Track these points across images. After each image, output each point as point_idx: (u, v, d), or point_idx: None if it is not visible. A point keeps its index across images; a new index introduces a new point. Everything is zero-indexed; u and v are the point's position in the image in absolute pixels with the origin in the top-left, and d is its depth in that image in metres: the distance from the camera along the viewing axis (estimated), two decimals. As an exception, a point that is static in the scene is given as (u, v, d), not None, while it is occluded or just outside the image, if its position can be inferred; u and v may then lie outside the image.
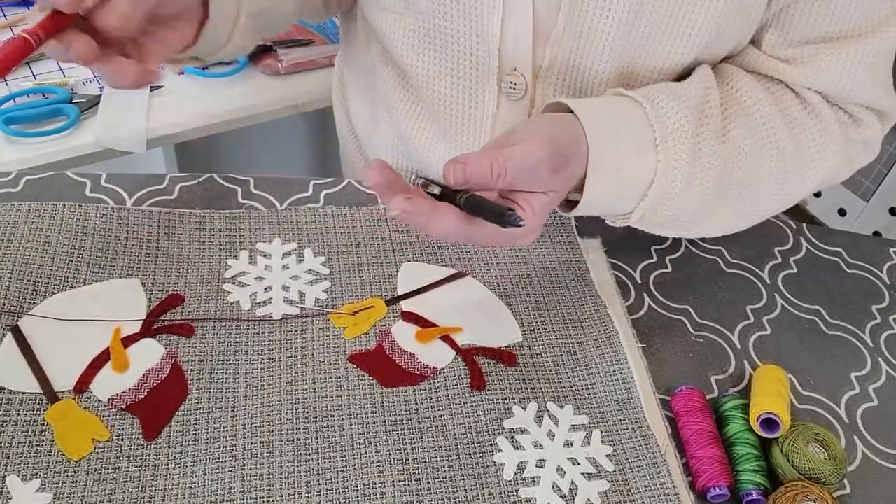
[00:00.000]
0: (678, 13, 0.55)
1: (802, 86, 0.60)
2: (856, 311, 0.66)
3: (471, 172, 0.46)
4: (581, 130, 0.51)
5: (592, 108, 0.53)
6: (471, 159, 0.46)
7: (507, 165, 0.46)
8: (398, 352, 0.55)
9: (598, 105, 0.54)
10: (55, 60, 0.97)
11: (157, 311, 0.56)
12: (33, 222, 0.58)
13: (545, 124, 0.51)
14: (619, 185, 0.53)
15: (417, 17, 0.61)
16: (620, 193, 0.54)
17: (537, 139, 0.48)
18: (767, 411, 0.52)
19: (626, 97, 0.55)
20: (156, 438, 0.49)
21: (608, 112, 0.53)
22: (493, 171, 0.46)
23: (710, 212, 0.58)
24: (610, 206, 0.55)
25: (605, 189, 0.52)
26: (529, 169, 0.47)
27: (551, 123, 0.51)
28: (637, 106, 0.54)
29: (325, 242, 0.62)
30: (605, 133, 0.51)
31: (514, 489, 0.49)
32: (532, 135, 0.49)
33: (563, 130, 0.50)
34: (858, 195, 1.70)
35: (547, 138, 0.48)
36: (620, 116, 0.53)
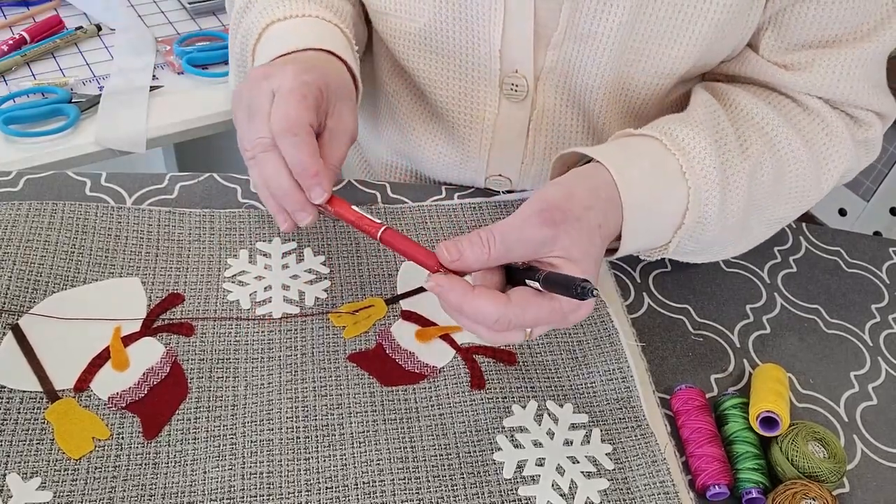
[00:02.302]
0: (678, 16, 0.56)
1: (802, 91, 0.60)
2: (855, 310, 0.66)
3: (463, 247, 0.46)
4: (605, 178, 0.50)
5: (611, 152, 0.52)
6: (461, 239, 0.46)
7: (493, 232, 0.46)
8: (398, 351, 0.55)
9: (616, 148, 0.53)
10: (55, 60, 0.97)
11: (157, 310, 0.56)
12: (33, 221, 0.58)
13: (540, 190, 0.50)
14: (654, 219, 0.53)
15: (420, 20, 0.61)
16: (657, 227, 0.54)
17: (524, 206, 0.48)
18: (767, 410, 0.52)
19: (637, 136, 0.55)
20: (156, 437, 0.49)
21: (628, 152, 0.53)
22: (483, 240, 0.46)
23: (742, 230, 0.58)
24: (648, 242, 0.55)
25: (643, 227, 0.52)
26: (517, 229, 0.46)
27: (547, 188, 0.50)
28: (651, 141, 0.54)
29: (324, 242, 0.62)
30: (633, 175, 0.51)
31: (513, 488, 0.49)
32: (523, 206, 0.48)
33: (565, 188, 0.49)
34: (859, 195, 1.70)
35: (534, 199, 0.48)
36: (641, 154, 0.53)
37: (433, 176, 0.73)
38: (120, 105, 0.90)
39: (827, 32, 0.58)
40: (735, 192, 0.54)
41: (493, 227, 0.46)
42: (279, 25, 0.58)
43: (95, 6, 1.06)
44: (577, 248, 0.47)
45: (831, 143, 0.60)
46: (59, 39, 0.98)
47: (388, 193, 0.68)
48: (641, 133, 0.55)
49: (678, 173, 0.52)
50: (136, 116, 0.89)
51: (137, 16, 1.07)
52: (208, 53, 0.99)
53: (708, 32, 0.56)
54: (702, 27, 0.56)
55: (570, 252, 0.46)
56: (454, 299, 0.45)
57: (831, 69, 0.58)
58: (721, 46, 0.59)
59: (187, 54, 0.98)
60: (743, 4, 0.55)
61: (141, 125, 0.88)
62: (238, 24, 0.63)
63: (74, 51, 0.99)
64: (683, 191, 0.53)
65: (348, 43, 0.59)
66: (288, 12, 0.58)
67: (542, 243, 0.46)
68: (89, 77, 0.95)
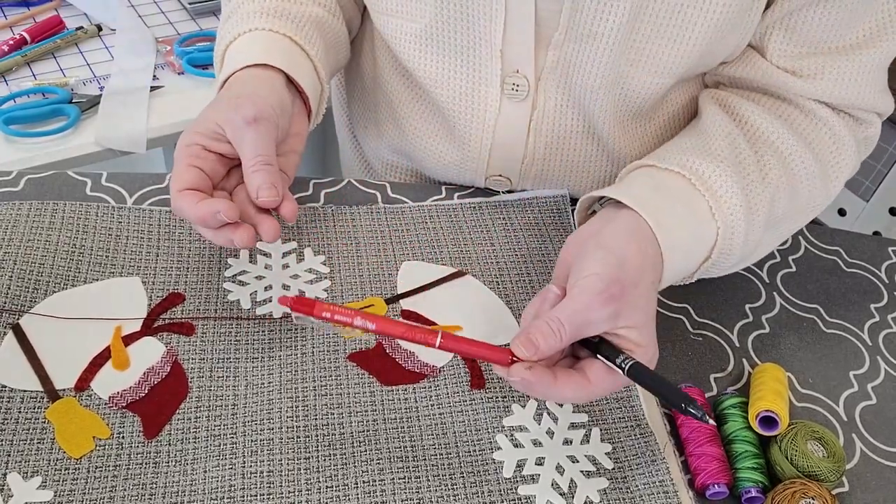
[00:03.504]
0: (678, 16, 0.56)
1: (810, 97, 0.60)
2: (855, 310, 0.66)
3: (537, 341, 0.47)
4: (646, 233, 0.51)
5: (644, 198, 0.53)
6: (532, 331, 0.47)
7: (562, 321, 0.47)
8: (398, 350, 0.56)
9: (647, 191, 0.54)
10: (55, 60, 0.97)
11: (158, 309, 0.56)
12: (34, 221, 0.58)
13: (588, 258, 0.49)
14: (686, 258, 0.54)
15: (421, 21, 0.62)
16: (689, 264, 0.55)
17: (581, 285, 0.48)
18: (766, 409, 0.52)
19: (661, 170, 0.55)
20: (156, 436, 0.49)
21: (659, 195, 0.53)
22: (554, 331, 0.47)
23: (757, 247, 0.59)
24: (678, 277, 0.56)
25: (677, 267, 0.53)
26: (583, 313, 0.47)
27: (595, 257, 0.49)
28: (678, 178, 0.55)
29: (324, 241, 0.63)
30: (670, 223, 0.52)
31: (513, 487, 0.49)
32: (578, 280, 0.48)
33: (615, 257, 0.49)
34: (858, 195, 1.70)
35: (591, 279, 0.48)
36: (672, 197, 0.54)
37: (433, 176, 0.73)
38: (120, 105, 0.90)
39: (835, 38, 0.58)
40: (757, 220, 0.56)
41: (560, 315, 0.47)
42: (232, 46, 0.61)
43: (96, 6, 1.06)
44: (640, 315, 0.48)
45: (838, 152, 0.61)
46: (59, 40, 0.98)
47: (388, 193, 0.68)
48: (666, 167, 0.55)
49: (708, 213, 0.54)
50: (137, 116, 0.89)
51: (138, 16, 1.07)
52: (209, 54, 0.99)
53: (708, 32, 0.56)
54: (702, 27, 0.56)
55: (634, 320, 0.48)
56: (541, 390, 0.47)
57: (841, 76, 0.59)
58: (721, 47, 0.59)
59: (188, 54, 0.98)
60: (743, 4, 0.55)
61: (141, 125, 0.88)
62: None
63: (75, 51, 0.99)
64: (713, 230, 0.54)
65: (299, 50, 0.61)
66: (236, 32, 0.61)
67: (608, 320, 0.47)
68: (90, 77, 0.95)
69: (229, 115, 0.54)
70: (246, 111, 0.53)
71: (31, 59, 0.96)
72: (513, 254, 0.64)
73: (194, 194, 0.52)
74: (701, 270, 0.56)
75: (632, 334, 0.48)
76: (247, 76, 0.58)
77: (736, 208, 0.54)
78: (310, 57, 0.61)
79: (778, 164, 0.58)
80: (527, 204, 0.69)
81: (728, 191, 0.54)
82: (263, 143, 0.53)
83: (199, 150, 0.54)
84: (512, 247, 0.64)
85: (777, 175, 0.57)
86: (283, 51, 0.59)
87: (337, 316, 0.47)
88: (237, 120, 0.53)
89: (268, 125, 0.54)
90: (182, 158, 0.53)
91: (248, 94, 0.55)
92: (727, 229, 0.54)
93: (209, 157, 0.54)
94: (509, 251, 0.64)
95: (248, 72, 0.58)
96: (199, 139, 0.54)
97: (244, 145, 0.53)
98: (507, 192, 0.70)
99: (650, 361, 0.48)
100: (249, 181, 0.53)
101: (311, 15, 0.64)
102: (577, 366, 0.49)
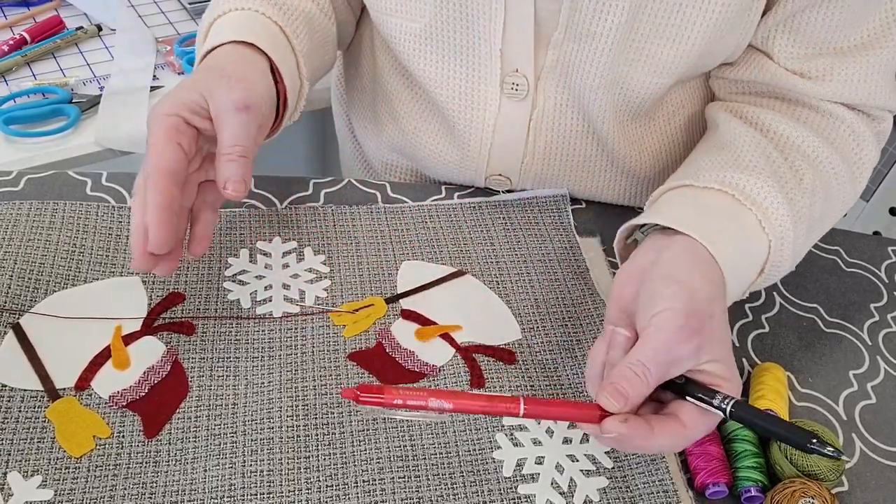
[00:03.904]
0: (677, 15, 0.56)
1: (822, 99, 0.60)
2: (854, 309, 0.66)
3: (626, 391, 0.44)
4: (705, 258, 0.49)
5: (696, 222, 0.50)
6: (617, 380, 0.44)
7: (646, 364, 0.44)
8: (398, 350, 0.56)
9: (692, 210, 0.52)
10: (55, 60, 0.97)
11: (158, 309, 0.56)
12: (34, 221, 0.58)
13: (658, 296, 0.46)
14: (742, 276, 0.52)
15: (421, 20, 0.62)
16: (745, 283, 0.53)
17: (660, 324, 0.45)
18: (766, 409, 0.52)
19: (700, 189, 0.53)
20: (156, 436, 0.49)
21: (709, 217, 0.51)
22: (641, 376, 0.44)
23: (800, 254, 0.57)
24: (735, 298, 0.54)
25: (737, 288, 0.52)
26: (666, 353, 0.45)
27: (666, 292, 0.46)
28: (722, 195, 0.52)
29: (324, 241, 0.63)
30: (725, 246, 0.49)
31: (513, 486, 0.49)
32: (653, 319, 0.46)
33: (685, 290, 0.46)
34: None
35: (667, 314, 0.45)
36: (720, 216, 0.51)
37: (433, 175, 0.73)
38: (120, 105, 0.90)
39: (840, 38, 0.58)
40: (801, 227, 0.54)
41: (641, 357, 0.45)
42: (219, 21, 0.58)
43: (96, 6, 1.06)
44: (721, 347, 0.47)
45: (860, 149, 0.61)
46: (59, 40, 0.98)
47: (388, 193, 0.68)
48: (705, 186, 0.53)
49: (757, 228, 0.52)
50: (137, 116, 0.89)
51: (138, 16, 1.07)
52: (208, 54, 0.99)
53: (707, 32, 0.56)
54: (701, 26, 0.56)
55: (717, 353, 0.46)
56: (639, 444, 0.45)
57: (850, 77, 0.58)
58: (721, 46, 0.59)
59: (188, 54, 0.98)
60: (742, 4, 0.56)
61: (141, 125, 0.88)
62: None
63: (75, 51, 0.99)
64: (764, 244, 0.52)
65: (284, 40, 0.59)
66: (227, 7, 0.58)
67: (692, 357, 0.45)
68: (90, 77, 0.95)
69: (219, 93, 0.50)
70: (237, 95, 0.50)
71: (31, 59, 0.96)
72: (513, 254, 0.64)
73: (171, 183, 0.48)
74: (754, 285, 0.54)
75: (717, 368, 0.46)
76: (234, 53, 0.55)
77: (784, 219, 0.52)
78: (294, 51, 0.60)
79: (810, 168, 0.57)
80: (527, 204, 0.69)
81: (774, 202, 0.52)
82: (245, 133, 0.51)
83: (181, 122, 0.50)
84: (512, 247, 0.64)
85: (811, 180, 0.56)
86: (271, 37, 0.57)
87: (410, 401, 0.43)
88: (227, 102, 0.50)
89: (255, 115, 0.52)
90: (162, 129, 0.49)
91: (240, 77, 0.52)
92: (778, 241, 0.52)
93: (187, 133, 0.51)
94: (509, 251, 0.64)
95: (236, 48, 0.55)
96: (180, 110, 0.50)
97: (225, 130, 0.50)
98: (507, 191, 0.71)
99: (737, 394, 0.46)
100: (220, 169, 0.50)
101: (303, 10, 0.62)
102: (666, 411, 0.47)
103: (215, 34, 0.57)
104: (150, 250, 0.48)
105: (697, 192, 0.53)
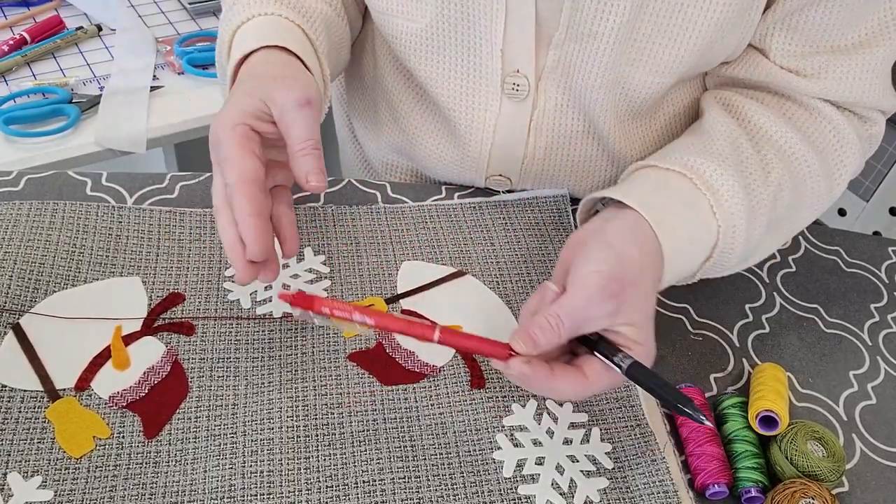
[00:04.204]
0: (679, 14, 0.56)
1: (813, 96, 0.60)
2: (855, 309, 0.66)
3: (536, 337, 0.47)
4: (647, 232, 0.51)
5: (645, 197, 0.53)
6: (531, 327, 0.47)
7: (560, 316, 0.47)
8: (398, 350, 0.56)
9: (647, 191, 0.54)
10: (55, 60, 0.97)
11: (158, 309, 0.56)
12: (34, 221, 0.58)
13: (589, 257, 0.49)
14: (688, 258, 0.54)
15: (422, 20, 0.62)
16: (690, 264, 0.55)
17: (581, 282, 0.48)
18: (766, 409, 0.52)
19: (662, 170, 0.55)
20: (156, 436, 0.49)
21: (660, 195, 0.54)
22: (553, 326, 0.47)
23: (759, 247, 0.59)
24: (679, 277, 0.56)
25: (679, 267, 0.54)
26: (582, 309, 0.48)
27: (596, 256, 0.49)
28: (680, 178, 0.55)
29: (324, 241, 0.63)
30: (671, 222, 0.52)
31: (513, 486, 0.49)
32: (577, 278, 0.49)
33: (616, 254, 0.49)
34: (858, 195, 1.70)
35: (591, 275, 0.48)
36: (672, 196, 0.54)
37: (434, 175, 0.73)
38: (120, 105, 0.90)
39: (837, 37, 0.58)
40: (759, 219, 0.56)
41: (559, 310, 0.47)
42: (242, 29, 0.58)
43: (96, 6, 1.06)
44: (639, 313, 0.49)
45: (841, 150, 0.61)
46: (59, 40, 0.98)
47: (388, 193, 0.68)
48: (667, 167, 0.55)
49: (709, 212, 0.54)
50: (137, 116, 0.89)
51: (138, 16, 1.07)
52: (209, 54, 0.99)
53: (708, 32, 0.56)
54: (702, 26, 0.56)
55: (633, 318, 0.48)
56: (538, 385, 0.49)
57: (844, 75, 0.59)
58: (722, 46, 0.59)
59: (188, 54, 0.98)
60: (743, 4, 0.56)
61: (141, 125, 0.89)
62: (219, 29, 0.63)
63: (75, 51, 0.99)
64: (714, 229, 0.54)
65: (308, 42, 0.59)
66: (249, 14, 0.58)
67: (607, 317, 0.48)
68: (90, 77, 0.95)
69: (279, 95, 0.50)
70: (298, 93, 0.50)
71: (31, 59, 0.96)
72: (513, 254, 0.64)
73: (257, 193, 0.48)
74: (703, 270, 0.56)
75: (630, 332, 0.48)
76: (273, 57, 0.55)
77: (737, 207, 0.54)
78: (317, 53, 0.60)
79: (780, 162, 0.58)
80: (527, 204, 0.69)
81: (729, 189, 0.54)
82: (313, 127, 0.50)
83: (248, 130, 0.50)
84: (512, 247, 0.64)
85: (780, 174, 0.57)
86: (298, 40, 0.57)
87: (336, 312, 0.47)
88: (288, 100, 0.49)
89: (316, 109, 0.51)
90: (235, 140, 0.49)
91: (292, 77, 0.52)
92: (728, 228, 0.54)
93: (257, 140, 0.50)
94: (509, 251, 0.64)
95: (271, 53, 0.55)
96: (246, 118, 0.50)
97: (294, 128, 0.50)
98: (507, 191, 0.71)
99: (647, 360, 0.49)
100: (298, 165, 0.49)
101: (320, 12, 0.62)
102: (576, 362, 0.49)
103: (243, 41, 0.57)
104: (251, 258, 0.48)
105: (660, 172, 0.56)
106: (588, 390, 0.48)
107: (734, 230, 0.54)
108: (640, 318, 0.49)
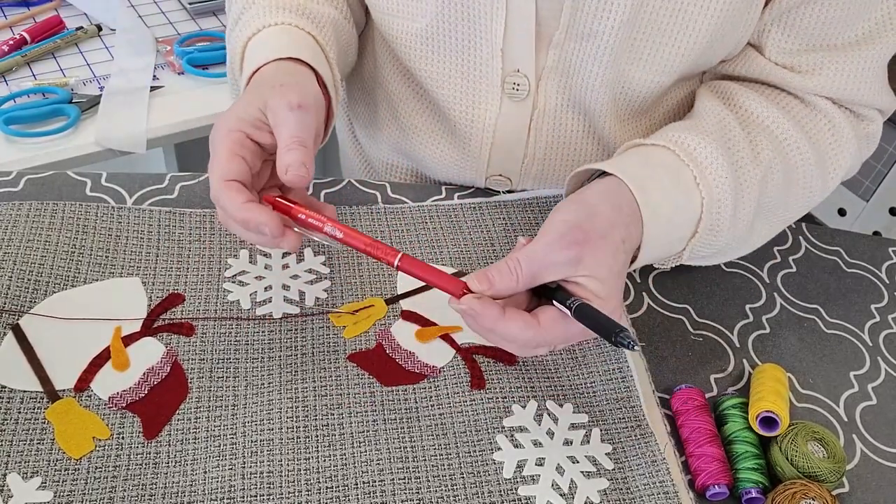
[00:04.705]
0: (678, 14, 0.56)
1: (809, 92, 0.60)
2: (855, 310, 0.66)
3: (493, 277, 0.48)
4: (625, 195, 0.52)
5: (627, 166, 0.54)
6: (490, 269, 0.49)
7: (519, 261, 0.48)
8: (398, 351, 0.56)
9: (631, 161, 0.55)
10: (55, 60, 0.97)
11: (158, 310, 0.56)
12: (34, 221, 0.58)
13: (560, 210, 0.51)
14: (671, 230, 0.54)
15: (422, 20, 0.62)
16: (673, 237, 0.55)
17: (545, 229, 0.50)
18: (766, 410, 0.52)
19: (648, 146, 0.56)
20: (156, 437, 0.49)
21: (643, 166, 0.54)
22: (511, 269, 0.48)
23: (751, 233, 0.59)
24: (664, 252, 0.56)
25: (661, 238, 0.54)
26: (543, 255, 0.48)
27: (567, 207, 0.51)
28: (664, 151, 0.55)
29: (325, 242, 0.62)
30: (651, 188, 0.52)
31: (513, 487, 0.49)
32: (543, 227, 0.50)
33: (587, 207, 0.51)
34: (858, 195, 1.70)
35: (556, 221, 0.50)
36: (656, 167, 0.54)
37: (434, 175, 0.73)
38: (120, 105, 0.90)
39: (833, 35, 0.58)
40: (747, 198, 0.56)
41: (519, 255, 0.48)
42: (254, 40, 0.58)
43: (96, 6, 1.06)
44: (602, 268, 0.49)
45: (836, 143, 0.61)
46: (59, 40, 0.98)
47: (388, 193, 0.68)
48: (653, 143, 0.56)
49: (692, 184, 0.54)
50: (137, 116, 0.89)
51: (138, 16, 1.07)
52: (209, 54, 0.99)
53: (708, 31, 0.56)
54: (702, 25, 0.56)
55: (596, 271, 0.48)
56: (487, 323, 0.48)
57: (840, 72, 0.59)
58: (721, 45, 0.59)
59: (188, 54, 0.98)
60: (743, 3, 0.56)
61: (141, 125, 0.89)
62: (228, 39, 0.63)
63: (75, 51, 0.99)
64: (697, 201, 0.54)
65: (320, 50, 0.59)
66: (260, 24, 0.58)
67: (568, 265, 0.48)
68: (90, 77, 0.95)
69: (273, 101, 0.51)
70: (291, 97, 0.50)
71: (31, 59, 0.96)
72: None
73: (239, 189, 0.49)
74: (691, 250, 0.56)
75: (592, 284, 0.48)
76: (282, 68, 0.55)
77: (722, 180, 0.54)
78: (328, 60, 0.60)
79: (771, 146, 0.58)
80: (527, 204, 0.69)
81: (713, 162, 0.54)
82: (302, 127, 0.50)
83: (243, 137, 0.51)
84: (512, 247, 0.64)
85: (770, 156, 0.57)
86: (310, 49, 0.58)
87: (310, 219, 0.51)
88: (281, 104, 0.50)
89: (311, 113, 0.51)
90: (224, 145, 0.50)
91: (291, 84, 0.52)
92: (712, 201, 0.54)
93: (250, 147, 0.51)
94: (509, 251, 0.64)
95: (281, 64, 0.55)
96: (242, 126, 0.51)
97: (283, 127, 0.50)
98: (507, 192, 0.70)
99: (611, 314, 0.48)
100: (280, 159, 0.49)
101: (328, 16, 0.62)
102: (533, 310, 0.50)
103: (256, 52, 0.57)
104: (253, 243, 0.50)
105: (647, 148, 0.56)
106: (538, 337, 0.48)
107: (720, 205, 0.54)
108: (604, 272, 0.49)
